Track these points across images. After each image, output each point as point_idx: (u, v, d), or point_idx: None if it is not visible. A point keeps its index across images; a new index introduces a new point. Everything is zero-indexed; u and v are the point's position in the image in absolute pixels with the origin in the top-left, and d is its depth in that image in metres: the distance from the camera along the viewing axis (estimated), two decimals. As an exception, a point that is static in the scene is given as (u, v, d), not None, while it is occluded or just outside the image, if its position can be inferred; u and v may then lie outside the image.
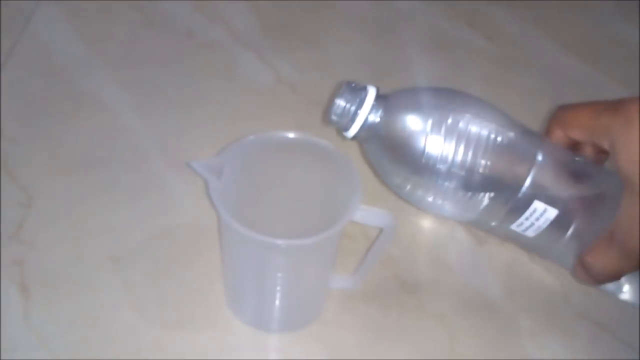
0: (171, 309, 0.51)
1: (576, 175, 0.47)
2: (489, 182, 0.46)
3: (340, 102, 0.46)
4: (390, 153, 0.47)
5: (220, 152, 0.46)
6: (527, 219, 0.47)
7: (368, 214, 0.45)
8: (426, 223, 0.59)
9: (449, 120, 0.45)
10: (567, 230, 0.47)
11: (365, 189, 0.46)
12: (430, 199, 0.48)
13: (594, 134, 0.46)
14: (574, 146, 0.49)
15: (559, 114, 0.49)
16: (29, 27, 0.73)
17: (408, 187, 0.48)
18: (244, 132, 0.48)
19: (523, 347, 0.51)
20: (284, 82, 0.71)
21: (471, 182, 0.46)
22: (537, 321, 0.53)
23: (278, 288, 0.48)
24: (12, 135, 0.62)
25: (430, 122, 0.45)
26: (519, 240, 0.50)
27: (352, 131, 0.47)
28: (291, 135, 0.48)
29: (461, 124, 0.45)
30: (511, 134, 0.46)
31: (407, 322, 0.52)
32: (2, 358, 0.47)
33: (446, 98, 0.47)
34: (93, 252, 0.54)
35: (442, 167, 0.45)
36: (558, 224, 0.46)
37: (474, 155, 0.45)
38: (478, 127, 0.45)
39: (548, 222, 0.46)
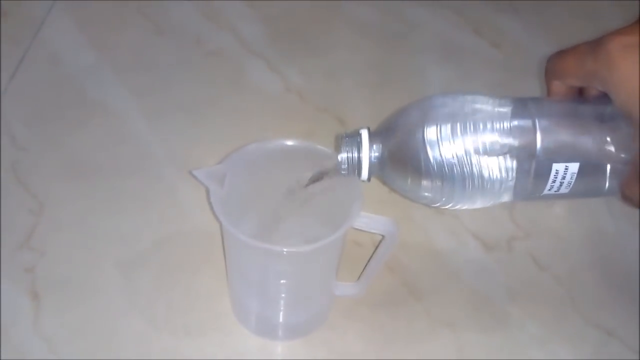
0: (180, 316, 0.52)
1: (582, 123, 0.47)
2: (502, 166, 0.46)
3: (343, 156, 0.47)
4: (406, 175, 0.48)
5: (222, 160, 0.47)
6: (553, 182, 0.46)
7: (369, 221, 0.45)
8: (434, 230, 0.59)
9: (441, 125, 0.46)
10: (597, 172, 0.47)
11: (371, 197, 0.46)
12: (463, 198, 0.48)
13: (584, 80, 0.45)
14: (580, 90, 0.48)
15: (548, 66, 0.48)
16: (39, 36, 0.74)
17: (441, 197, 0.48)
18: (252, 139, 0.48)
19: (531, 354, 0.51)
20: (292, 89, 0.71)
21: (486, 171, 0.46)
22: (545, 328, 0.53)
23: (282, 295, 0.49)
24: (23, 143, 0.63)
25: (425, 133, 0.46)
26: (559, 198, 0.49)
27: (365, 174, 0.48)
28: (293, 142, 0.48)
29: (456, 124, 0.46)
30: (504, 112, 0.46)
31: (415, 329, 0.52)
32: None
33: (428, 105, 0.48)
34: (103, 259, 0.55)
35: (456, 168, 0.46)
36: (585, 172, 0.46)
37: (478, 146, 0.45)
38: (471, 121, 0.46)
39: (575, 176, 0.46)
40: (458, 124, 0.45)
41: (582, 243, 0.59)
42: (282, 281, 0.47)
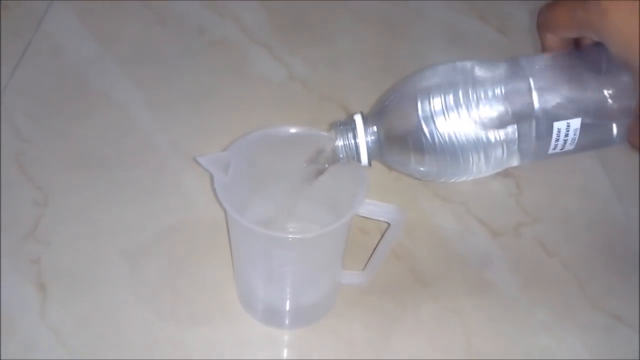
0: (186, 305, 0.52)
1: (579, 77, 0.45)
2: (503, 132, 0.45)
3: (339, 143, 0.47)
4: (406, 154, 0.47)
5: (227, 147, 0.46)
6: (557, 140, 0.45)
7: (375, 208, 0.45)
8: (440, 217, 0.59)
9: (434, 97, 0.45)
10: (600, 124, 0.45)
11: (376, 184, 0.46)
12: (467, 169, 0.47)
13: (577, 30, 0.44)
14: (575, 41, 0.47)
15: (540, 19, 0.47)
16: (41, 28, 0.74)
17: (445, 170, 0.47)
18: (256, 128, 0.48)
19: (539, 340, 0.51)
20: (295, 78, 0.71)
21: (487, 138, 0.45)
22: (553, 313, 0.53)
23: (287, 283, 0.49)
24: (27, 135, 0.63)
25: (419, 108, 0.45)
26: (567, 154, 0.48)
27: (364, 159, 0.47)
28: (297, 129, 0.48)
29: (449, 94, 0.45)
30: (497, 75, 0.45)
31: (422, 316, 0.52)
32: (20, 355, 0.48)
33: (419, 79, 0.47)
34: (108, 249, 0.55)
35: (455, 139, 0.45)
36: (589, 126, 0.45)
37: (475, 115, 0.45)
38: (465, 89, 0.45)
39: (578, 132, 0.45)
40: (451, 94, 0.44)
41: (590, 228, 0.59)
42: (287, 269, 0.47)
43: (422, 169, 0.47)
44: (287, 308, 0.51)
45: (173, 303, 0.52)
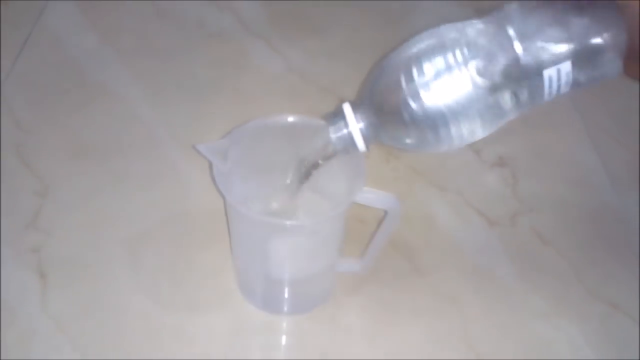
0: (185, 293, 0.52)
1: (561, 16, 0.43)
2: (493, 90, 0.44)
3: (333, 135, 0.46)
4: (402, 131, 0.46)
5: (226, 136, 0.47)
6: (550, 87, 0.43)
7: (371, 196, 0.45)
8: (437, 206, 0.60)
9: (417, 67, 0.44)
10: (593, 61, 0.43)
11: (373, 173, 0.46)
12: (467, 132, 0.46)
13: None
14: None
15: None
16: (41, 20, 0.74)
17: (446, 138, 0.46)
18: (255, 119, 0.48)
19: (536, 328, 0.52)
20: (293, 69, 0.71)
21: (478, 99, 0.44)
22: (549, 301, 0.53)
23: (286, 270, 0.49)
24: (27, 126, 0.63)
25: (403, 82, 0.44)
26: (565, 95, 0.46)
27: (361, 146, 0.47)
28: (296, 118, 0.48)
29: (432, 61, 0.44)
30: (476, 33, 0.45)
31: (419, 304, 0.53)
32: (21, 344, 0.48)
33: (399, 52, 0.46)
34: (108, 238, 0.55)
35: (447, 105, 0.44)
36: (581, 65, 0.43)
37: (460, 77, 0.44)
38: (443, 52, 0.44)
39: (571, 74, 0.44)
40: (433, 59, 0.43)
41: (586, 217, 0.59)
42: (286, 256, 0.47)
43: (422, 142, 0.46)
44: (286, 295, 0.51)
45: (173, 291, 0.52)
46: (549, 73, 0.43)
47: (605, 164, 0.64)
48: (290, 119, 0.49)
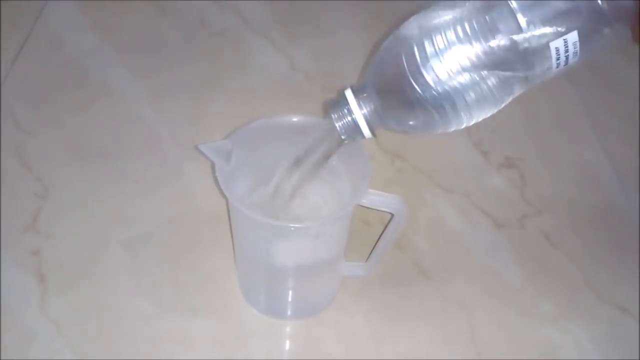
0: (187, 297, 0.51)
1: None
2: (500, 65, 0.43)
3: (338, 123, 0.45)
4: (407, 113, 0.45)
5: (228, 136, 0.46)
6: (558, 59, 0.43)
7: (377, 199, 0.44)
8: (444, 208, 0.59)
9: (419, 47, 0.43)
10: (600, 29, 0.42)
11: (379, 175, 0.45)
12: (474, 110, 0.45)
13: None
14: None
15: None
16: (41, 19, 0.73)
17: (454, 118, 0.45)
18: (258, 119, 0.47)
19: (543, 332, 0.51)
20: (297, 69, 0.70)
21: (486, 76, 0.43)
22: (557, 305, 0.52)
23: (289, 274, 0.48)
24: (27, 127, 0.62)
25: (405, 59, 0.43)
26: (576, 65, 0.45)
27: (367, 131, 0.46)
28: (300, 118, 0.48)
29: (434, 41, 0.43)
30: (477, 5, 0.43)
31: (426, 308, 0.52)
32: (20, 346, 0.48)
33: (400, 34, 0.45)
34: (109, 241, 0.54)
35: (450, 82, 0.43)
36: (588, 34, 0.42)
37: (465, 55, 0.42)
38: (444, 30, 0.43)
39: (578, 44, 0.43)
40: (436, 38, 0.42)
41: (595, 219, 0.59)
42: (289, 259, 0.46)
43: (426, 119, 0.44)
44: (289, 299, 0.50)
45: (174, 294, 0.51)
46: (555, 45, 0.42)
47: (614, 165, 0.63)
48: (295, 118, 0.48)
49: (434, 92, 0.42)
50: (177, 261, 0.53)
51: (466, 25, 0.42)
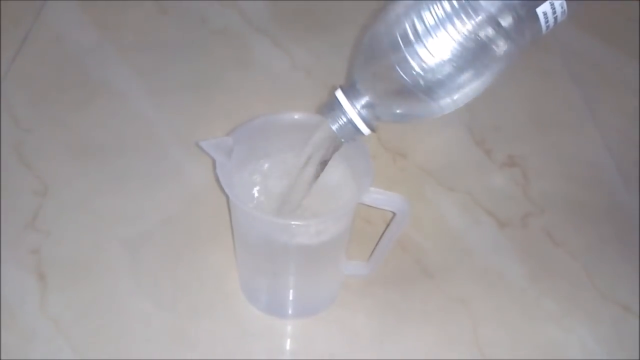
0: (187, 295, 0.51)
1: None
2: (490, 37, 0.42)
3: (334, 125, 0.45)
4: (402, 99, 0.44)
5: (229, 133, 0.46)
6: (547, 22, 0.42)
7: (379, 197, 0.44)
8: (446, 206, 0.58)
9: (399, 30, 0.42)
10: None
11: (382, 175, 0.45)
12: (472, 85, 0.44)
13: None
14: None
15: None
16: (41, 16, 0.73)
17: (452, 98, 0.44)
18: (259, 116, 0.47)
19: (547, 331, 0.51)
20: (298, 67, 0.70)
21: (478, 49, 0.42)
22: (561, 304, 0.52)
23: (291, 272, 0.48)
24: (26, 125, 0.62)
25: (390, 47, 0.42)
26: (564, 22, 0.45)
27: (365, 129, 0.45)
28: (300, 116, 0.47)
29: (414, 23, 0.42)
30: None
31: (428, 307, 0.51)
32: (20, 345, 0.47)
33: (382, 21, 0.44)
34: (109, 239, 0.54)
35: (438, 61, 0.42)
36: None
37: (454, 30, 0.41)
38: (425, 10, 0.42)
39: (565, 3, 0.43)
40: (418, 20, 0.41)
41: (598, 218, 0.58)
42: (290, 257, 0.46)
43: (421, 105, 0.44)
44: (290, 298, 0.50)
45: (174, 293, 0.51)
46: (542, 10, 0.41)
47: (617, 163, 0.62)
48: (296, 116, 0.47)
49: (424, 74, 0.41)
50: (178, 259, 0.53)
51: (446, 4, 0.41)
